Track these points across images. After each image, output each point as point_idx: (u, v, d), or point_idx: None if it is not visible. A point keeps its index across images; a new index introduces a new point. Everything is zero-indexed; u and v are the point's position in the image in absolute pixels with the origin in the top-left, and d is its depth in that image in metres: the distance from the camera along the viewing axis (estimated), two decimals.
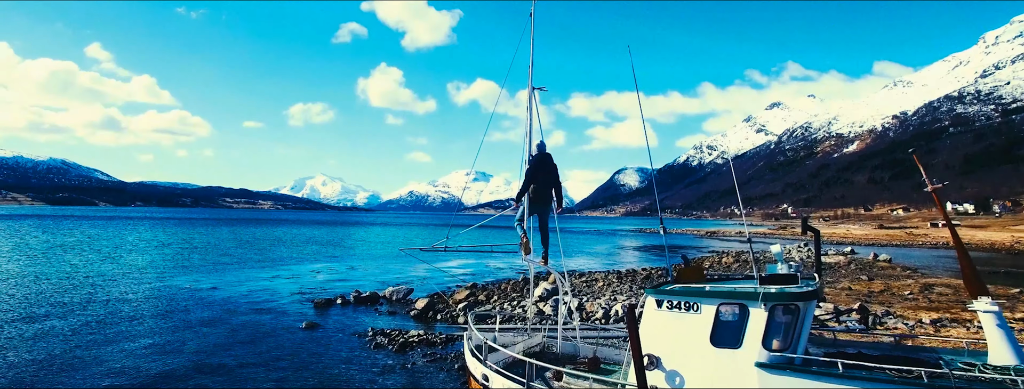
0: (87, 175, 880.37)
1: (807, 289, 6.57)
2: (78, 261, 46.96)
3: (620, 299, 27.04)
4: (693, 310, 6.95)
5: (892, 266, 48.64)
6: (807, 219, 10.27)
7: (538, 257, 10.84)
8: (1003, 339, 6.27)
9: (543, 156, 10.44)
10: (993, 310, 6.45)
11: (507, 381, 8.23)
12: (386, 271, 46.75)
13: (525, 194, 10.48)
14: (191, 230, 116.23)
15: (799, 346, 6.53)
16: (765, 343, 6.50)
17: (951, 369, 6.08)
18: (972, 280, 7.22)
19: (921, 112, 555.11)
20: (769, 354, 6.47)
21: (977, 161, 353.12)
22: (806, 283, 7.30)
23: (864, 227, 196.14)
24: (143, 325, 22.45)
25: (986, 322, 6.51)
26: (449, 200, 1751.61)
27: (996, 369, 5.94)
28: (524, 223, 10.79)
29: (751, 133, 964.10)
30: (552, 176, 10.51)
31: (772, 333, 6.52)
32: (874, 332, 19.08)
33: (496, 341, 11.27)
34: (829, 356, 6.94)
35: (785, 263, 7.95)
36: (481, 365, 8.97)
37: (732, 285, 7.66)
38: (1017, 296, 30.65)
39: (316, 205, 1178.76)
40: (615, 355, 10.08)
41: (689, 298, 7.00)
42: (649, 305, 7.37)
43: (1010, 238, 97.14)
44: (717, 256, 62.46)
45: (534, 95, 10.25)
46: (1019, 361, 6.16)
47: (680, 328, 7.00)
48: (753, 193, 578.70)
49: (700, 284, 7.77)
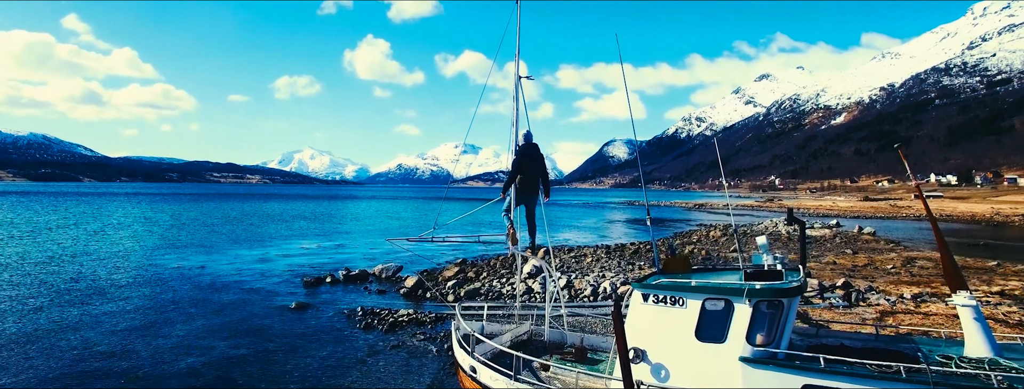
0: (70, 150, 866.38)
1: (791, 286, 6.64)
2: (64, 239, 46.58)
3: (608, 276, 27.27)
4: (679, 304, 7.01)
5: (876, 239, 49.35)
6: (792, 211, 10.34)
7: (525, 248, 10.86)
8: (979, 332, 6.46)
9: (530, 146, 10.38)
10: (971, 305, 6.61)
11: (495, 374, 8.31)
12: (375, 247, 46.81)
13: (512, 185, 10.45)
14: (179, 206, 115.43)
15: (783, 341, 6.64)
16: (749, 338, 6.61)
17: (929, 363, 6.30)
18: (952, 275, 7.36)
19: (908, 84, 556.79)
20: (753, 349, 6.57)
21: (961, 133, 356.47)
22: (790, 277, 7.37)
23: (850, 199, 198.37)
24: (132, 306, 22.40)
25: (964, 316, 6.68)
26: (438, 172, 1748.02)
27: (971, 362, 6.11)
28: (511, 214, 10.80)
29: (740, 105, 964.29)
30: (539, 167, 10.46)
31: (756, 328, 6.61)
32: (856, 309, 19.46)
33: (484, 330, 11.36)
34: (812, 349, 7.09)
35: (770, 254, 8.03)
36: (469, 357, 9.04)
37: (718, 279, 7.74)
38: (994, 269, 31.29)
39: (304, 179, 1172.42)
40: (602, 343, 10.18)
41: (675, 292, 7.06)
42: (635, 299, 7.42)
43: (990, 209, 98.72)
44: (704, 230, 62.90)
45: (521, 85, 10.13)
46: (993, 353, 6.35)
47: (666, 322, 7.08)
48: (741, 165, 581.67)
49: (686, 278, 7.82)
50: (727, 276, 8.29)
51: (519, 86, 10.11)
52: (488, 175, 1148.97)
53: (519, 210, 10.62)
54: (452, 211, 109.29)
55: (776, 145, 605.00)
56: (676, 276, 8.11)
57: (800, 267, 8.00)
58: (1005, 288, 24.78)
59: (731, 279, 8.03)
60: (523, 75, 10.13)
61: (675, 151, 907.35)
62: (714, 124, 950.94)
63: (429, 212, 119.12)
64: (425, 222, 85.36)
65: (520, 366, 8.10)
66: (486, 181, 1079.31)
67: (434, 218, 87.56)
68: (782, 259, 8.00)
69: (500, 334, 10.98)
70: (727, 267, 8.89)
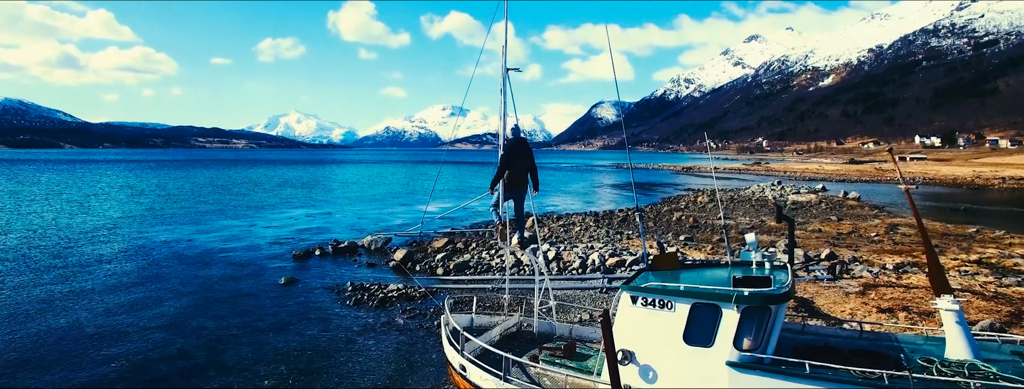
0: (49, 116, 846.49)
1: (779, 292, 6.75)
2: (47, 211, 46.07)
3: (597, 246, 27.51)
4: (668, 308, 7.13)
5: (861, 205, 50.00)
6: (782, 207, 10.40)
7: (515, 242, 10.90)
8: (960, 335, 6.73)
9: (518, 141, 10.33)
10: (954, 309, 6.79)
11: (485, 374, 8.44)
12: (363, 216, 46.80)
13: (500, 180, 10.42)
14: (165, 174, 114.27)
15: (769, 346, 6.81)
16: (736, 343, 6.76)
17: (911, 367, 6.54)
18: (936, 278, 7.51)
19: (896, 45, 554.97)
20: (739, 353, 6.74)
21: (946, 95, 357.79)
22: (778, 281, 7.47)
23: (836, 161, 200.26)
24: (120, 283, 22.34)
25: (946, 319, 6.90)
26: (426, 135, 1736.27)
27: (951, 366, 6.33)
28: (500, 209, 10.80)
29: (728, 66, 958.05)
30: (527, 161, 10.44)
31: (743, 333, 6.76)
32: (840, 282, 19.84)
33: (474, 323, 11.47)
34: (797, 349, 7.26)
35: (758, 251, 8.13)
36: (459, 356, 9.15)
37: (708, 273, 7.86)
38: (973, 236, 31.92)
39: (291, 143, 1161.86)
40: (592, 333, 10.34)
41: (664, 296, 7.16)
42: (624, 301, 7.52)
43: (971, 173, 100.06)
44: (692, 194, 63.41)
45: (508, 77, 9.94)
46: (973, 356, 6.59)
47: (654, 325, 7.20)
48: (729, 127, 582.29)
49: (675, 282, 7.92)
50: (716, 271, 8.41)
51: (506, 78, 9.94)
52: (477, 137, 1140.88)
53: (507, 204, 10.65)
54: (444, 177, 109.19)
55: (764, 107, 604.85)
56: (665, 274, 8.25)
57: (788, 266, 8.09)
58: (982, 256, 25.34)
59: (721, 273, 8.18)
60: (510, 67, 9.96)
61: (663, 112, 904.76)
62: (702, 86, 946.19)
63: (417, 176, 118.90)
64: (414, 187, 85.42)
65: (509, 366, 8.23)
66: (474, 143, 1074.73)
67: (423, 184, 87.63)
68: (771, 257, 8.11)
69: (490, 327, 11.09)
70: (716, 262, 9.00)
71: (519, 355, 9.16)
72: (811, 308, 16.31)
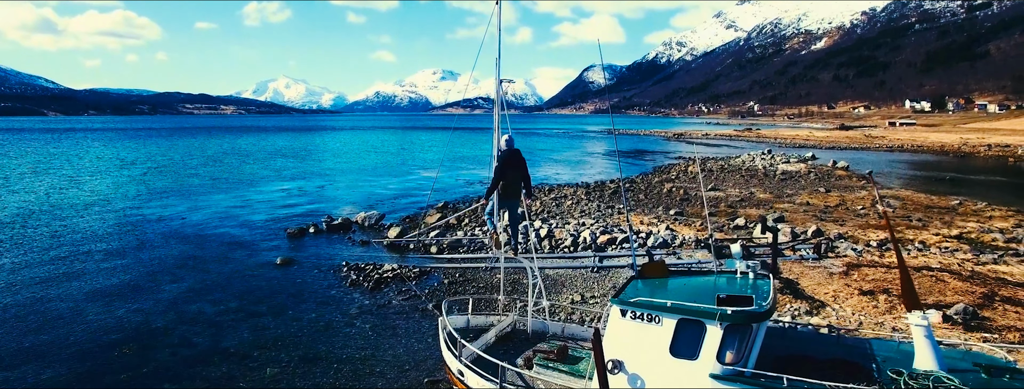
0: (30, 82, 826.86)
1: (760, 311, 7.16)
2: (38, 188, 45.78)
3: (588, 223, 27.92)
4: (655, 322, 7.54)
5: (849, 175, 50.65)
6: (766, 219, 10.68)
7: (508, 251, 11.25)
8: (928, 348, 7.30)
9: (512, 152, 10.59)
10: (923, 325, 7.28)
11: (482, 381, 8.88)
12: (356, 189, 46.96)
13: (495, 190, 10.72)
14: (154, 144, 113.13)
15: (750, 360, 7.30)
16: (719, 357, 7.22)
17: (881, 379, 7.07)
18: (908, 295, 7.95)
19: (890, 8, 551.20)
20: (722, 367, 7.21)
21: (938, 58, 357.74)
22: (760, 291, 7.90)
23: (826, 126, 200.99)
24: (117, 265, 22.54)
25: (916, 333, 7.42)
26: (417, 100, 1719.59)
27: (918, 378, 6.83)
28: (494, 218, 11.12)
29: (721, 29, 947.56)
30: (521, 171, 10.72)
31: (726, 348, 7.22)
32: (825, 261, 20.39)
33: (470, 324, 11.87)
34: (776, 360, 7.73)
35: (743, 261, 8.53)
36: (456, 360, 9.55)
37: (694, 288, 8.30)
38: (955, 208, 32.61)
39: (281, 108, 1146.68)
40: (584, 333, 10.78)
41: (652, 311, 7.56)
42: (614, 314, 7.94)
43: (958, 140, 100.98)
44: (682, 164, 63.94)
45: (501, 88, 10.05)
46: (939, 367, 7.11)
47: (642, 337, 7.64)
48: (721, 90, 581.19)
49: (663, 290, 8.32)
50: (703, 281, 8.86)
51: (499, 90, 10.06)
52: (467, 101, 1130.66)
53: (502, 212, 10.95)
54: (436, 145, 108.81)
55: (756, 70, 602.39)
56: (653, 282, 8.70)
57: (770, 277, 8.49)
58: (963, 231, 26.00)
59: (707, 283, 8.64)
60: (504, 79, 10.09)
61: (655, 76, 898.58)
62: (694, 49, 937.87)
63: (409, 144, 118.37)
64: (407, 157, 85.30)
65: (504, 373, 8.66)
66: (465, 108, 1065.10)
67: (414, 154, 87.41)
68: (755, 267, 8.52)
69: (486, 328, 11.50)
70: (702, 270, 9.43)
71: (514, 356, 9.62)
72: (796, 290, 16.83)
